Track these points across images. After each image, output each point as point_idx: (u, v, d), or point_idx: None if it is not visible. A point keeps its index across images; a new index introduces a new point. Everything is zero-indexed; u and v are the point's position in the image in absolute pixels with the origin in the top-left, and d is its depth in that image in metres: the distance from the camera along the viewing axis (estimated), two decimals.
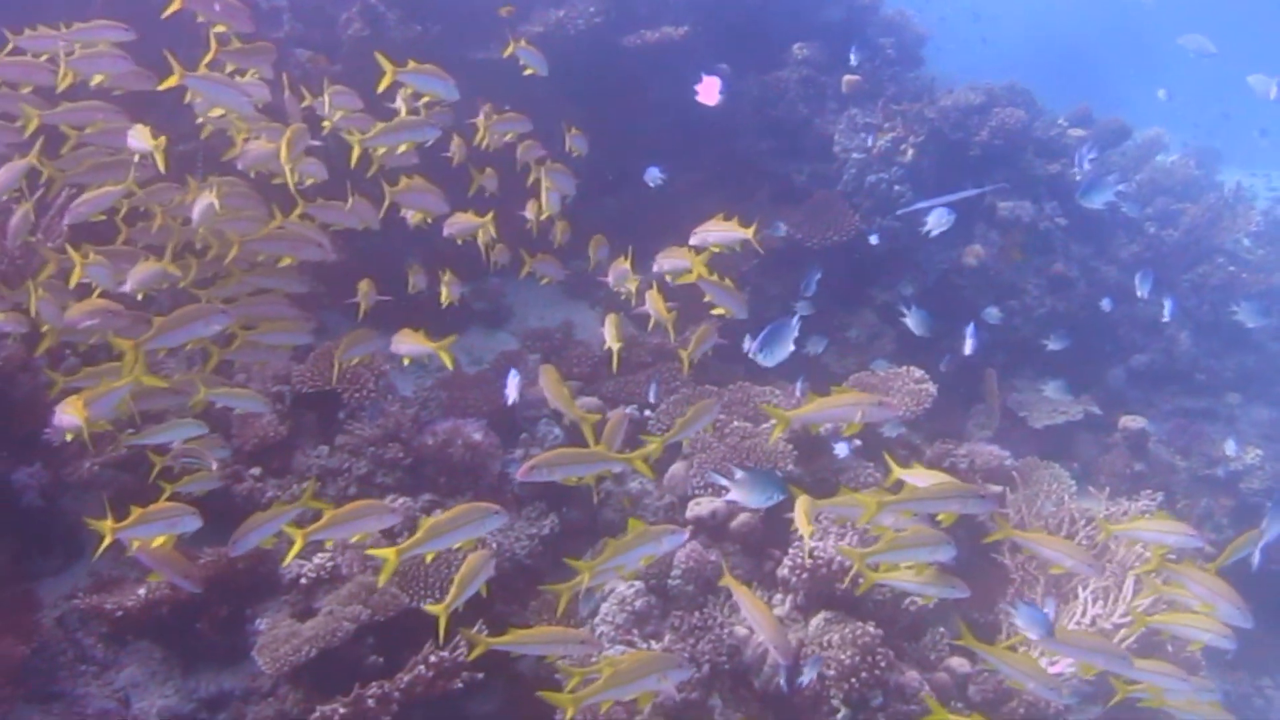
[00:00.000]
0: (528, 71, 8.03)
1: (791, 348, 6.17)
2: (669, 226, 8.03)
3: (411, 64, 7.16)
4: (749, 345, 6.09)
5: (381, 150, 7.17)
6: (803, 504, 5.88)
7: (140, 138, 6.52)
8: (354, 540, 6.08)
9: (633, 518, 5.97)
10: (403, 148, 7.25)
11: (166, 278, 6.50)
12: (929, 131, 10.56)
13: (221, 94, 6.73)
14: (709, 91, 8.28)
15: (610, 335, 7.22)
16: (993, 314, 9.98)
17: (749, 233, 7.13)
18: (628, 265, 7.47)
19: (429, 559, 5.81)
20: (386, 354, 7.36)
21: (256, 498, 7.47)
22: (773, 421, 7.04)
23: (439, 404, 8.48)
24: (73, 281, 6.39)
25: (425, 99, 7.51)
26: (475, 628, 6.52)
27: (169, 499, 6.15)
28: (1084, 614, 6.83)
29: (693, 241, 7.28)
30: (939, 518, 5.82)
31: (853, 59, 10.48)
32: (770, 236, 9.78)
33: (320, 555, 6.99)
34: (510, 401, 7.11)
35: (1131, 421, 10.05)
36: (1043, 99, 11.91)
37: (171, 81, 6.54)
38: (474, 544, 5.82)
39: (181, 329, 6.15)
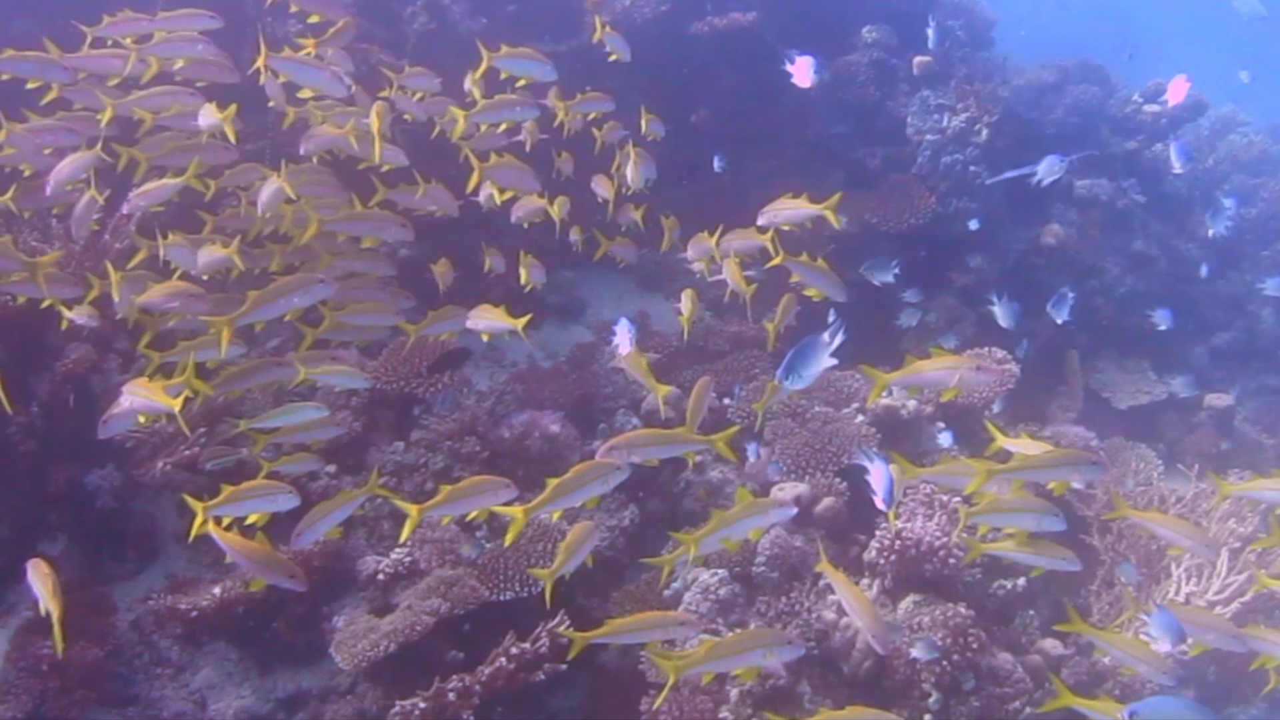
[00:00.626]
0: (612, 57, 8.10)
1: (827, 364, 5.78)
2: (741, 216, 7.96)
3: (505, 48, 7.26)
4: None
5: (484, 128, 7.30)
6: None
7: (209, 114, 6.49)
8: (470, 517, 5.99)
9: (741, 487, 5.84)
10: (503, 125, 7.37)
11: (233, 262, 6.44)
12: (1003, 111, 10.38)
13: (310, 75, 6.74)
14: (802, 72, 8.10)
15: (685, 306, 7.21)
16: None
17: (823, 208, 7.02)
18: (710, 240, 7.40)
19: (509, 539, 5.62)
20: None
21: (332, 495, 7.26)
22: (855, 404, 6.97)
23: (515, 397, 8.36)
24: (133, 262, 6.50)
25: (522, 81, 7.53)
26: (558, 621, 6.52)
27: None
28: (1178, 591, 6.69)
29: (760, 222, 7.20)
30: (1050, 487, 5.71)
31: (930, 35, 10.28)
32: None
33: (398, 550, 6.98)
34: (623, 350, 6.90)
35: (1217, 399, 9.90)
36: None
37: (259, 62, 6.57)
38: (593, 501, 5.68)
39: (280, 299, 6.13)
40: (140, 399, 5.75)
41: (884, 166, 10.70)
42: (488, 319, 6.78)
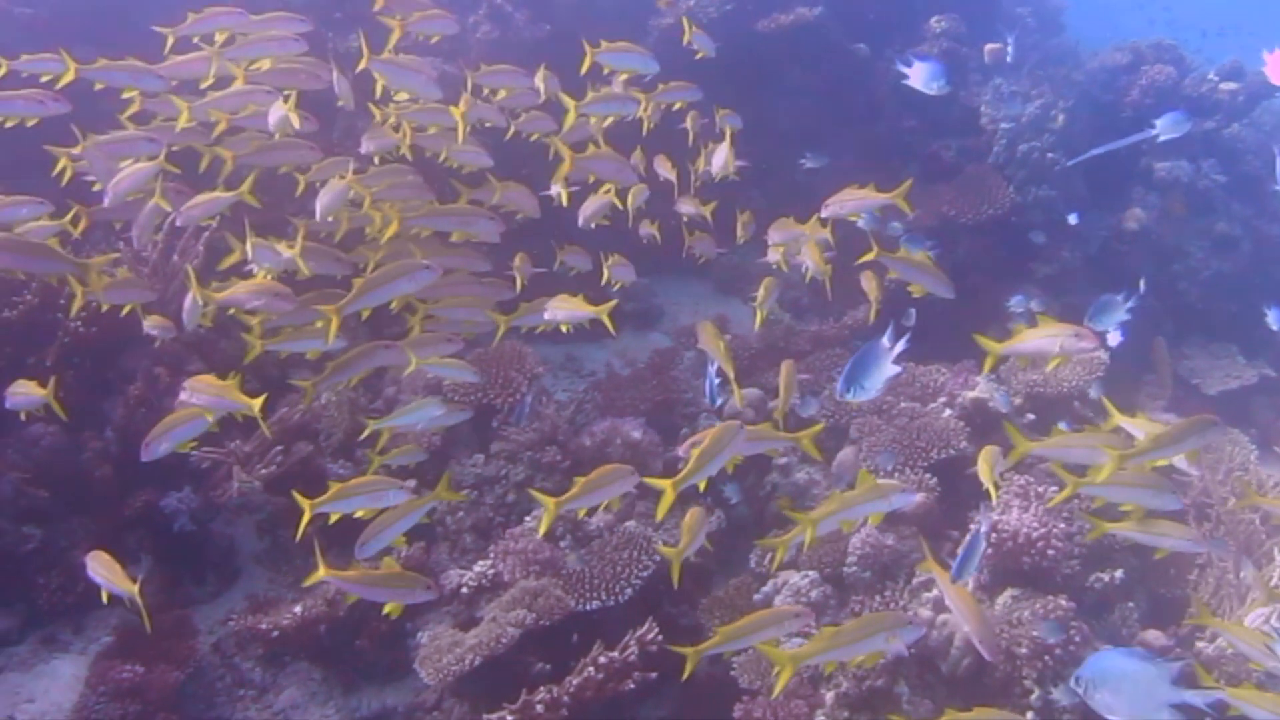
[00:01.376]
0: (699, 55, 8.12)
1: (890, 373, 5.50)
2: (814, 209, 7.88)
3: (604, 44, 7.30)
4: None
5: (594, 119, 7.41)
6: (986, 456, 5.67)
7: (279, 109, 6.47)
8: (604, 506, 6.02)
9: (864, 471, 5.67)
10: (609, 119, 7.41)
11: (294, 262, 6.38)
12: (1078, 95, 10.22)
13: (406, 78, 6.78)
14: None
15: (761, 294, 7.14)
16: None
17: (894, 195, 6.87)
18: (794, 225, 7.32)
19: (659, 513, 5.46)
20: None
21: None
22: (942, 399, 6.84)
23: (595, 405, 8.30)
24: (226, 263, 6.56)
25: (624, 75, 7.56)
26: (646, 629, 6.43)
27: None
28: None
29: (824, 214, 7.07)
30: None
31: (1008, 46, 10.13)
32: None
33: (481, 563, 6.91)
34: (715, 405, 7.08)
35: None
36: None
37: (363, 64, 6.62)
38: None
39: (385, 287, 6.09)
40: (210, 397, 5.72)
41: (959, 158, 10.51)
42: (567, 308, 6.67)
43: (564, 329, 6.98)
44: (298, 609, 6.77)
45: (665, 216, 8.00)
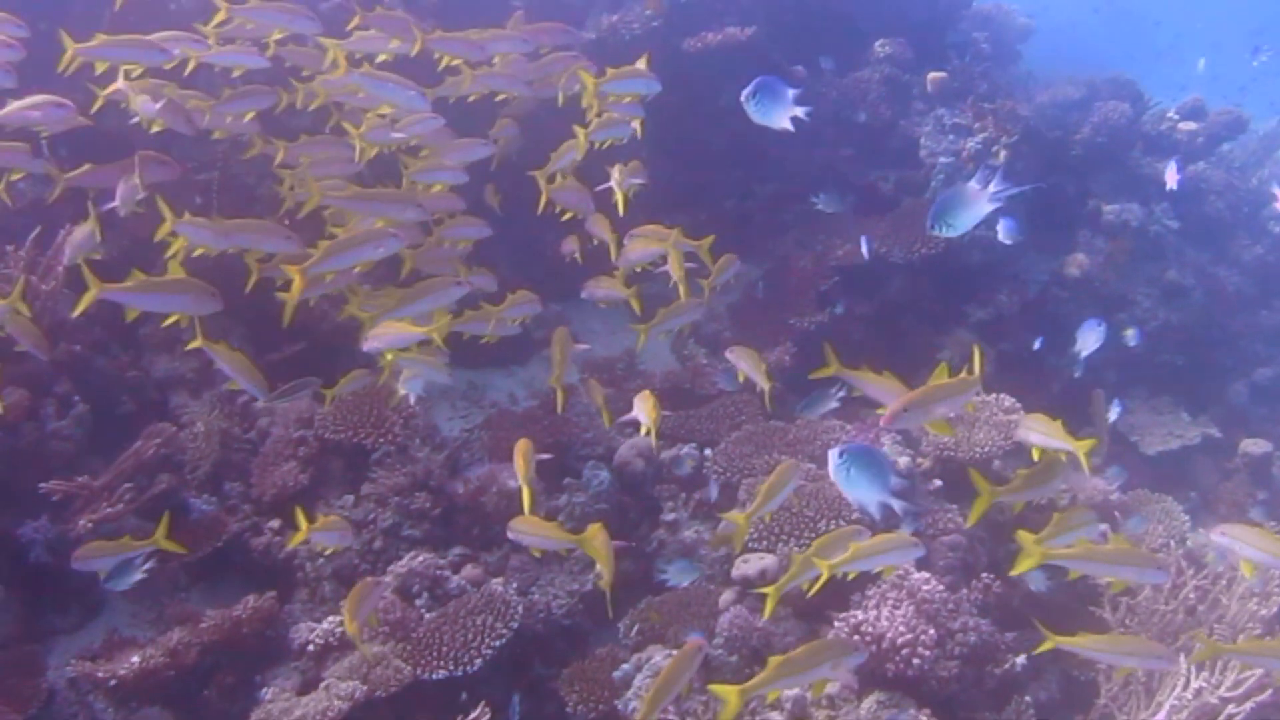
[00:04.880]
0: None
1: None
2: (744, 243, 7.57)
3: (610, 70, 7.15)
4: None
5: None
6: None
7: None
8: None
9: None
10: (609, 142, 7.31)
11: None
12: (1023, 130, 9.65)
13: (390, 92, 6.66)
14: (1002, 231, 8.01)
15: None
16: (1129, 336, 9.11)
17: (699, 245, 6.95)
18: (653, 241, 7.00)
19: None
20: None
21: (274, 553, 6.97)
22: None
23: (483, 445, 7.80)
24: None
25: (628, 99, 7.31)
26: (514, 696, 6.24)
27: None
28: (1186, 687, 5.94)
29: (619, 262, 7.02)
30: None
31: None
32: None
33: (330, 619, 6.47)
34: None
35: (1254, 446, 9.15)
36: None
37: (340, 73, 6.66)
38: None
39: (352, 250, 6.07)
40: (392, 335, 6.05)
41: (897, 190, 10.05)
42: (604, 288, 6.91)
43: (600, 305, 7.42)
44: (135, 658, 6.33)
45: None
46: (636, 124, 7.28)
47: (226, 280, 6.13)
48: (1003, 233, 8.17)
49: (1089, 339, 8.17)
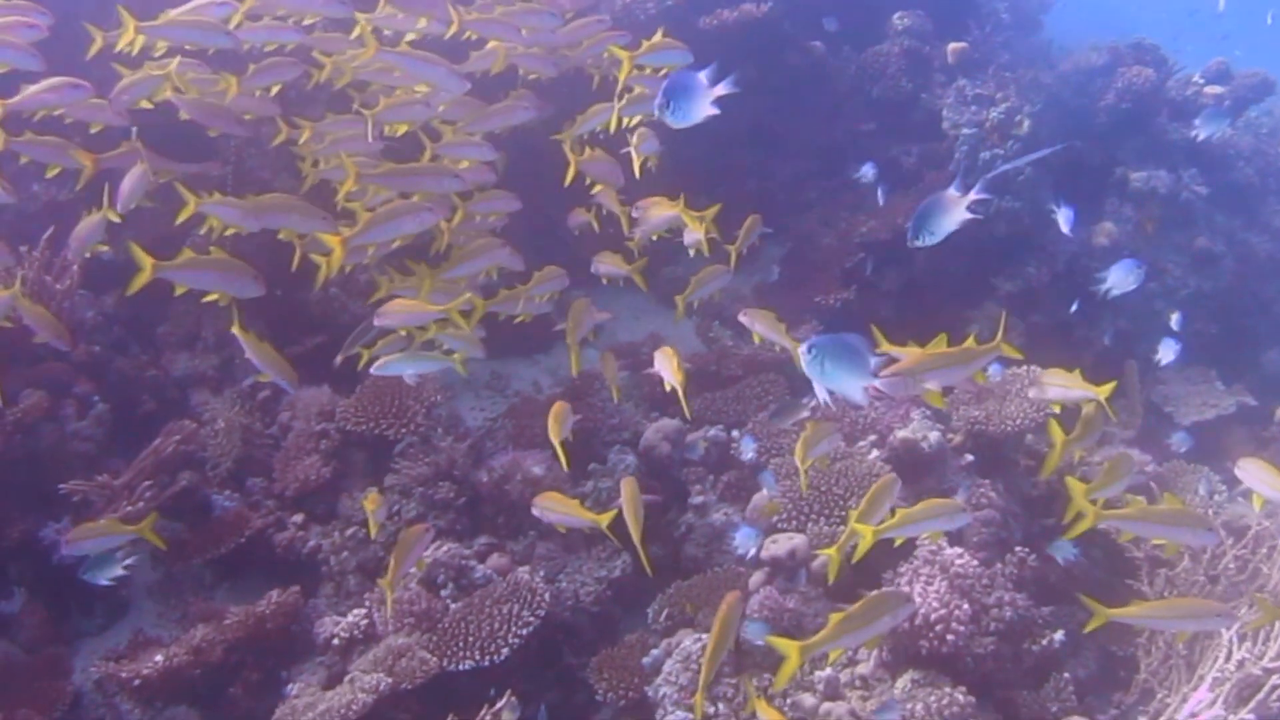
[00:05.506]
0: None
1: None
2: (768, 225, 7.52)
3: (644, 43, 7.14)
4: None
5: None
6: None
7: None
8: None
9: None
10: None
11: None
12: (1046, 99, 9.47)
13: (426, 70, 6.64)
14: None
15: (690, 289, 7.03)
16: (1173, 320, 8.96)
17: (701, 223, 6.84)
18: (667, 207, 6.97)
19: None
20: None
21: (298, 547, 6.94)
22: (871, 437, 6.39)
23: (505, 434, 7.72)
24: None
25: (664, 70, 7.29)
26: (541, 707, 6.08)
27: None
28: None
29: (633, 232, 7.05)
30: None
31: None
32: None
33: (356, 611, 6.42)
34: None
35: None
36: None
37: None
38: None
39: (390, 223, 6.15)
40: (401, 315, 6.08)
41: (920, 164, 9.88)
42: (608, 264, 6.95)
43: (604, 281, 7.27)
44: (159, 657, 6.26)
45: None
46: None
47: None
48: (1064, 222, 7.99)
49: (1126, 279, 7.87)
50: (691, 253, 6.94)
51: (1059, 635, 6.02)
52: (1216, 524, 6.13)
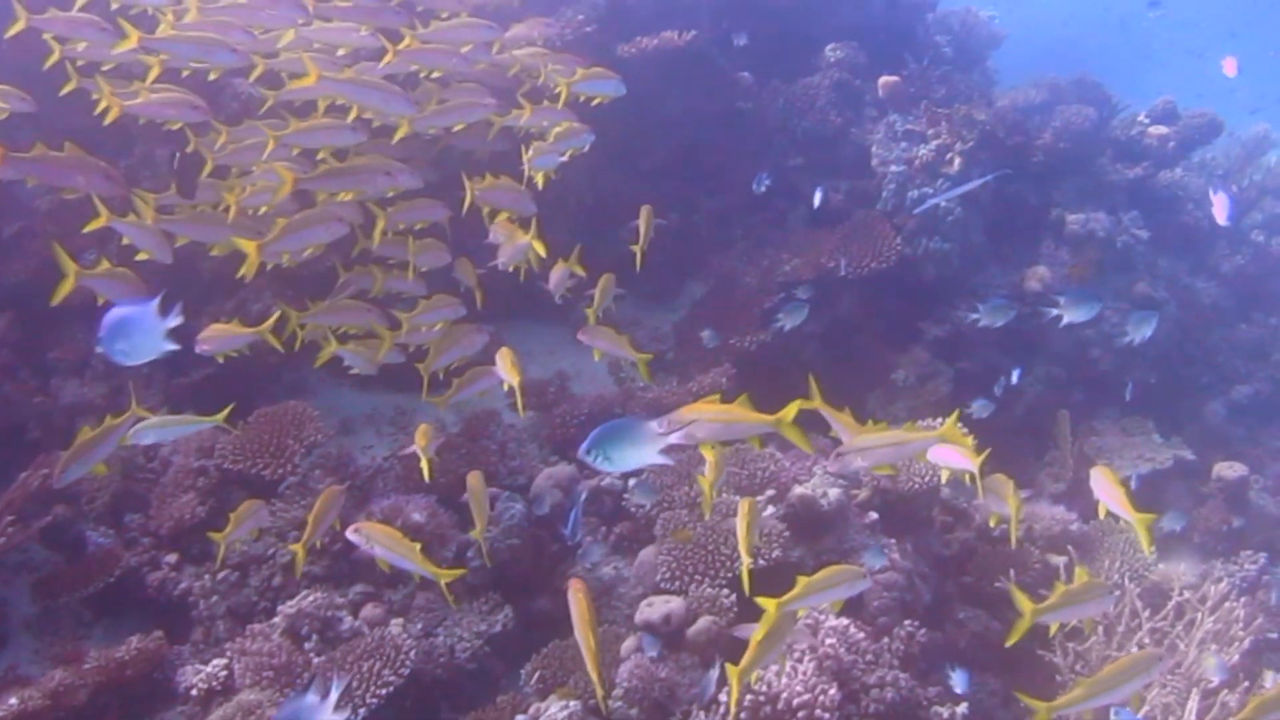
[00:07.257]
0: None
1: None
2: (692, 261, 7.04)
3: (580, 71, 7.22)
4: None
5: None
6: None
7: None
8: None
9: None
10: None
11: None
12: (979, 136, 9.12)
13: (370, 96, 6.43)
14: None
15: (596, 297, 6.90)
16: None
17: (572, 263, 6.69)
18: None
19: None
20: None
21: (169, 588, 6.64)
22: (770, 492, 6.06)
23: (396, 475, 7.37)
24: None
25: (596, 100, 7.57)
26: None
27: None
28: None
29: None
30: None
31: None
32: None
33: (216, 662, 6.13)
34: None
35: (1228, 470, 8.57)
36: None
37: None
38: None
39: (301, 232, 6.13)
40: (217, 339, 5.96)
41: (848, 201, 9.56)
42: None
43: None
44: (13, 700, 5.94)
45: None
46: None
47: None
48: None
49: (1141, 329, 8.09)
50: (558, 298, 6.86)
51: (961, 709, 5.68)
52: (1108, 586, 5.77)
